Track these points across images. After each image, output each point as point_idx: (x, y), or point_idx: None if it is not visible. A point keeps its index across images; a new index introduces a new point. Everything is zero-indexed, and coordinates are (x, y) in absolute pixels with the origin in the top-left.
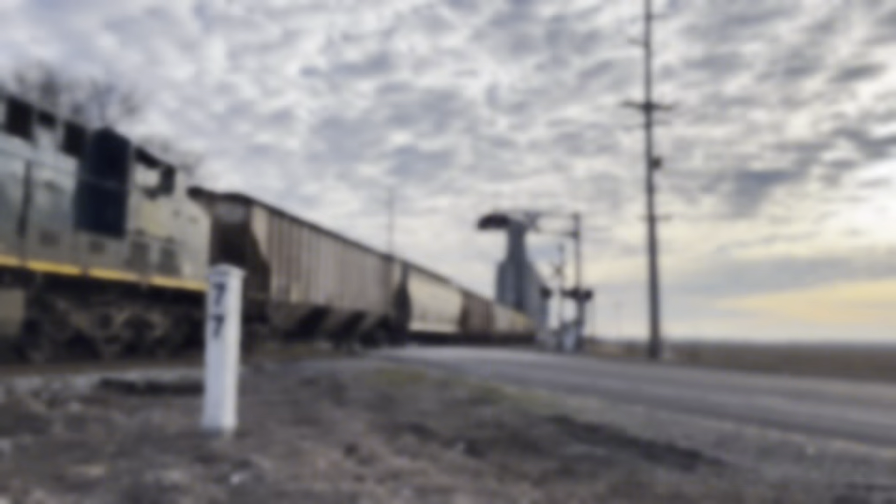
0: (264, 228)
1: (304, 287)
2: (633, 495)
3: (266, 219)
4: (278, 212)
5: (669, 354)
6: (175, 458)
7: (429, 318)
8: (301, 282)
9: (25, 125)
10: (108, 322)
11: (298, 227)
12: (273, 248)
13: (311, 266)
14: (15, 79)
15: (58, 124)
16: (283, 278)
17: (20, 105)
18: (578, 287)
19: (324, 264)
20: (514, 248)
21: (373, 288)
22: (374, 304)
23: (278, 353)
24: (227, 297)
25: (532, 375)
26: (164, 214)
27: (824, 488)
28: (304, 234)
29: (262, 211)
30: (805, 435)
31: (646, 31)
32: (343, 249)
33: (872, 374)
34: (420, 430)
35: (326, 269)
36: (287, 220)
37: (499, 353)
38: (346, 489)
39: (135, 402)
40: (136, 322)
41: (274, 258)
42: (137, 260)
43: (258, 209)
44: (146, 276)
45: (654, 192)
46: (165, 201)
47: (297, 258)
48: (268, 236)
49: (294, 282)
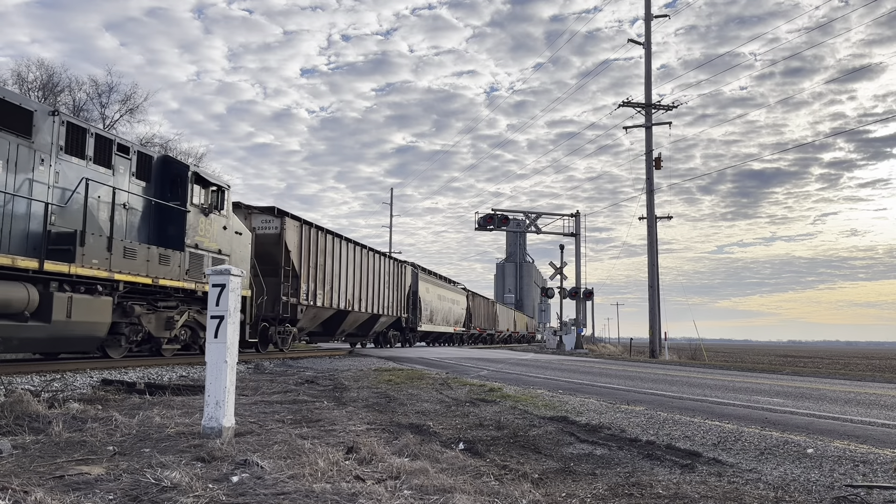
0: (295, 239)
1: (329, 292)
2: (633, 495)
3: (297, 230)
4: (307, 222)
5: (669, 354)
6: (175, 457)
7: (436, 319)
8: (326, 287)
9: (107, 155)
10: (171, 324)
11: (324, 236)
12: (302, 256)
13: (334, 272)
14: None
15: (131, 153)
16: (312, 284)
17: (103, 139)
18: (578, 287)
19: (345, 270)
20: (514, 248)
21: (387, 291)
22: (387, 307)
23: (279, 353)
24: (228, 297)
25: (532, 375)
26: (216, 229)
27: (824, 488)
28: (328, 242)
29: (293, 222)
30: (805, 435)
31: (646, 32)
32: (361, 256)
33: (872, 374)
34: (420, 430)
35: (347, 275)
36: (314, 230)
37: (498, 352)
38: (346, 489)
39: (135, 401)
40: (191, 324)
41: (303, 266)
42: (194, 269)
43: (290, 221)
44: (201, 284)
45: (653, 192)
46: (216, 217)
47: (322, 265)
48: (298, 246)
49: (320, 287)
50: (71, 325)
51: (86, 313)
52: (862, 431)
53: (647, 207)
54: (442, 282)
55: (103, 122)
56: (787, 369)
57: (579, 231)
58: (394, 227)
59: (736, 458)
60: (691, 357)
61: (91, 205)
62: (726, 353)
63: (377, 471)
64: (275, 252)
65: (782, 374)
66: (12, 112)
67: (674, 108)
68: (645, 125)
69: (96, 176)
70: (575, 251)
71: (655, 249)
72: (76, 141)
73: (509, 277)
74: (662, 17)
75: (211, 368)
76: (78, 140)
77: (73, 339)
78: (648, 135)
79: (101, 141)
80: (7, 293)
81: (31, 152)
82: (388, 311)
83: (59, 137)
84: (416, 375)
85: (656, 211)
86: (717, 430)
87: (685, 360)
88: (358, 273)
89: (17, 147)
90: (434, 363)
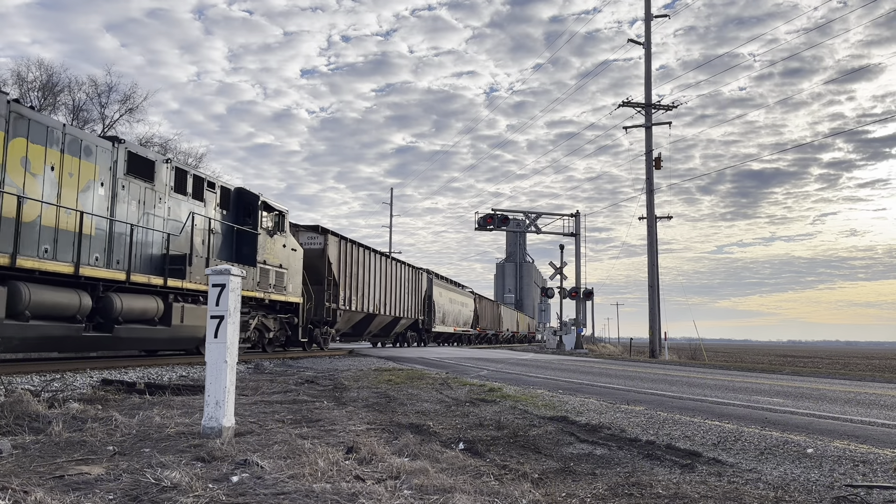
0: (335, 252)
1: (360, 297)
2: (633, 495)
3: (336, 244)
4: (344, 238)
5: (669, 354)
6: (175, 457)
7: (448, 320)
8: (358, 293)
9: (200, 191)
10: (246, 327)
11: (357, 249)
12: (341, 267)
13: (365, 280)
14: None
15: (216, 188)
16: (348, 291)
17: (198, 178)
18: (578, 287)
19: (372, 278)
20: (514, 248)
21: (406, 296)
22: (407, 310)
23: (279, 352)
24: (228, 297)
25: (532, 375)
26: (277, 247)
27: (824, 488)
28: (360, 254)
29: (334, 238)
30: (805, 435)
31: (646, 32)
32: (385, 265)
33: (872, 374)
34: (420, 429)
35: (374, 283)
36: (349, 244)
37: (498, 352)
38: (346, 489)
39: (135, 401)
40: (259, 327)
41: (342, 275)
42: (263, 282)
43: (331, 237)
44: (267, 294)
45: (653, 192)
46: (278, 237)
47: (355, 274)
48: (338, 258)
49: (354, 294)
50: (183, 328)
51: (192, 318)
52: (862, 431)
53: (646, 207)
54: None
55: (103, 122)
56: (786, 369)
57: (579, 231)
58: (394, 227)
59: (736, 458)
60: (691, 357)
61: (194, 233)
62: (726, 353)
63: (377, 471)
64: (319, 264)
65: (782, 374)
66: (142, 164)
67: (674, 108)
68: (645, 125)
69: (195, 209)
70: (575, 251)
71: (655, 249)
72: (181, 181)
73: (509, 277)
74: (662, 16)
75: (211, 368)
76: (182, 181)
77: (183, 339)
78: (648, 135)
79: (197, 180)
80: (147, 304)
81: (153, 193)
82: (407, 314)
83: (170, 180)
84: (415, 375)
85: (656, 211)
86: (717, 430)
87: (685, 360)
88: (383, 280)
89: (144, 190)
90: (434, 363)
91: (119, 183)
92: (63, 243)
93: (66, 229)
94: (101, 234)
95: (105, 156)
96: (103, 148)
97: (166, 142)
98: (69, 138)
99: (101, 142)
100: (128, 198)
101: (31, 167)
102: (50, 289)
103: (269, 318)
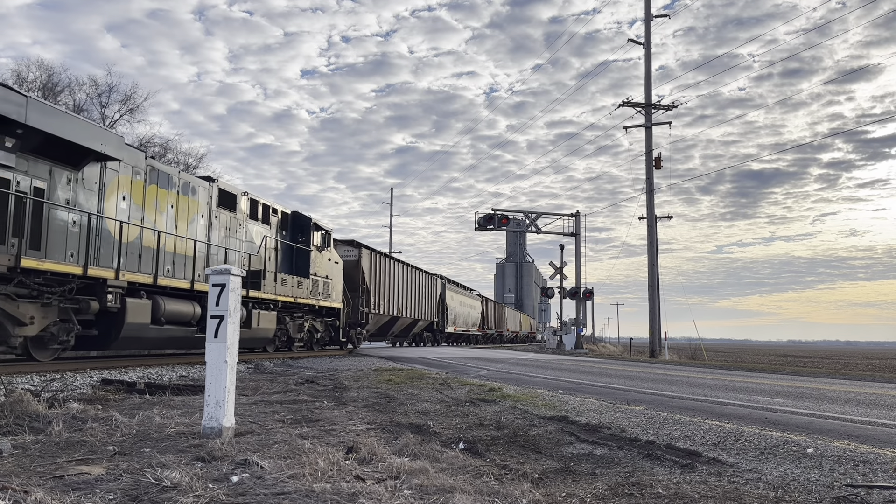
0: (367, 263)
1: (387, 302)
2: (633, 495)
3: (368, 256)
4: (374, 250)
5: (669, 354)
6: (175, 457)
7: (458, 322)
8: (385, 299)
9: (267, 216)
10: (302, 329)
11: (384, 259)
12: (372, 276)
13: (390, 287)
14: (15, 79)
15: (279, 213)
16: (377, 297)
17: (266, 206)
18: (578, 287)
19: (396, 285)
20: (514, 248)
21: (423, 300)
22: (424, 313)
23: (279, 352)
24: (227, 296)
25: (532, 375)
26: (324, 261)
27: (824, 488)
28: (386, 263)
29: (366, 251)
30: (805, 435)
31: (646, 32)
32: (406, 272)
33: (872, 374)
34: (420, 429)
35: (398, 288)
36: (378, 254)
37: (498, 352)
38: (346, 489)
39: (135, 401)
40: (310, 328)
41: (373, 283)
42: (314, 291)
43: (364, 250)
44: (318, 301)
45: (653, 192)
46: (325, 252)
47: (383, 282)
48: (370, 268)
49: (382, 299)
50: (259, 330)
51: (265, 322)
52: (862, 431)
53: (646, 207)
54: (462, 290)
55: (103, 122)
56: (786, 369)
57: (579, 231)
58: (394, 227)
59: (736, 458)
60: (691, 357)
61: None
62: (726, 352)
63: (377, 471)
64: (354, 274)
65: (782, 374)
66: (228, 198)
67: (673, 108)
68: (645, 125)
69: (264, 231)
70: (575, 251)
71: (655, 249)
72: (254, 209)
73: (509, 277)
74: (662, 16)
75: (211, 368)
76: (254, 208)
77: (258, 339)
78: (648, 135)
79: (265, 207)
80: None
81: (235, 221)
82: (424, 317)
83: (247, 208)
84: (416, 375)
85: (656, 211)
86: (717, 430)
87: (685, 359)
88: (404, 286)
89: (230, 218)
90: (434, 363)
91: (213, 214)
92: (178, 264)
93: (181, 253)
94: (201, 255)
95: (204, 193)
96: (204, 187)
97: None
98: (182, 182)
99: (202, 182)
100: (219, 225)
101: (159, 207)
102: (175, 300)
103: (318, 321)
